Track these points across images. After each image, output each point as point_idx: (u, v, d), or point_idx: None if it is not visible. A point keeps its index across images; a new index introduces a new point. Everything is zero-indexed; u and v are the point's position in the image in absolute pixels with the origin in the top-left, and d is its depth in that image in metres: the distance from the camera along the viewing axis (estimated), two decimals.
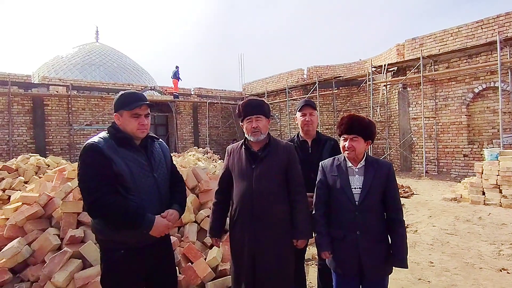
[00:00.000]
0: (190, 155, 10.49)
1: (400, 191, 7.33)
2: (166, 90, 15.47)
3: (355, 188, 1.79)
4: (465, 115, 9.25)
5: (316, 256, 3.47)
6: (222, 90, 17.69)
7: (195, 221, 3.51)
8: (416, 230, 4.71)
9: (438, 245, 4.04)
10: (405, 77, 10.34)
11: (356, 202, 1.77)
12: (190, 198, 3.65)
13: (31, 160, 7.08)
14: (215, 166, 9.23)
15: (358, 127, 1.78)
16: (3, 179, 6.25)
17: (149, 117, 1.76)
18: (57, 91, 11.50)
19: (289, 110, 14.70)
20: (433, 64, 9.81)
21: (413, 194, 7.33)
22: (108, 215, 1.54)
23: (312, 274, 3.15)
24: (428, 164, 9.99)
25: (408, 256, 3.60)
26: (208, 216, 3.51)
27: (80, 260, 2.75)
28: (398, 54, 11.35)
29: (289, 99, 14.61)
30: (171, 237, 3.12)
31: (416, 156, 10.46)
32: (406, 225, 4.90)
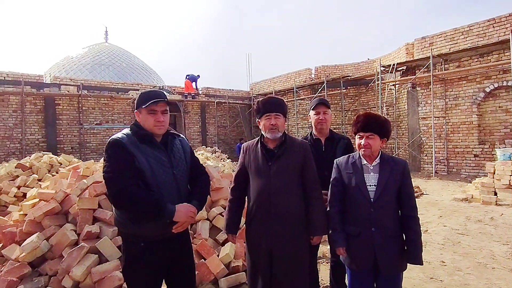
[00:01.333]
0: (199, 154, 10.56)
1: None
2: (174, 89, 15.60)
3: (370, 185, 1.81)
4: (476, 114, 9.13)
5: (327, 254, 3.50)
6: (230, 89, 17.75)
7: (207, 219, 3.55)
8: (427, 230, 4.69)
9: (450, 245, 4.02)
10: (414, 76, 10.26)
11: (372, 199, 1.79)
12: None
13: (44, 158, 7.23)
14: (224, 165, 9.28)
15: (374, 124, 1.80)
16: (18, 176, 6.40)
17: (167, 114, 1.80)
18: (68, 91, 11.69)
19: (297, 110, 14.69)
20: (443, 63, 9.71)
21: (422, 194, 7.28)
22: (132, 205, 1.59)
23: (323, 271, 3.17)
24: (437, 164, 9.90)
25: None
26: (220, 214, 3.56)
27: (97, 255, 2.82)
28: (407, 53, 11.26)
29: (296, 98, 14.59)
30: (189, 233, 3.19)
31: (425, 156, 10.37)
32: None
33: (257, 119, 2.09)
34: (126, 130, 1.74)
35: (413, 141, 10.56)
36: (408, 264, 1.82)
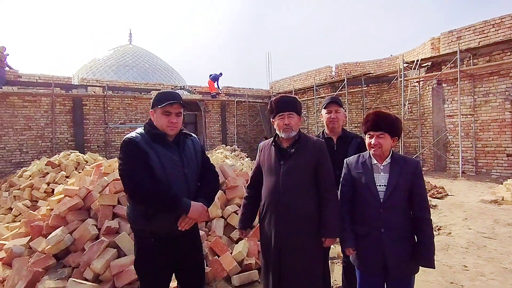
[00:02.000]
0: (218, 153, 10.70)
1: (432, 191, 7.02)
2: (195, 89, 15.87)
3: (380, 185, 1.78)
4: (509, 111, 8.62)
5: (341, 254, 3.45)
6: (250, 88, 17.81)
7: (222, 217, 3.61)
8: (450, 233, 4.50)
9: (474, 248, 3.84)
10: (440, 72, 9.83)
11: (381, 200, 1.75)
12: (217, 194, 3.75)
13: (72, 156, 7.60)
14: (242, 164, 9.35)
15: (384, 123, 1.75)
16: (47, 173, 6.78)
17: (181, 116, 1.85)
18: (94, 92, 12.19)
19: (317, 108, 14.51)
20: (471, 58, 9.24)
21: (447, 195, 6.98)
22: (149, 199, 1.65)
23: (337, 272, 3.13)
24: (465, 164, 9.44)
25: (439, 259, 3.48)
26: (234, 212, 3.60)
27: (116, 250, 2.94)
28: (432, 48, 10.80)
29: (316, 97, 14.41)
30: (199, 230, 3.26)
31: (452, 155, 9.93)
32: (439, 227, 4.76)
33: (271, 119, 2.09)
34: (140, 129, 1.81)
35: (438, 139, 10.14)
36: (424, 268, 1.75)
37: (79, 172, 6.44)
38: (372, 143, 1.78)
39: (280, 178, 1.94)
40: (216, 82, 15.77)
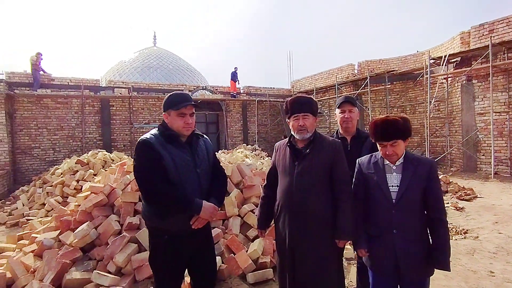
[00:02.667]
0: (238, 152, 10.80)
1: (460, 193, 6.71)
2: (217, 89, 16.10)
3: (392, 186, 1.74)
4: None
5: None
6: (271, 88, 17.81)
7: (239, 215, 3.66)
8: (477, 237, 4.30)
9: (503, 254, 3.64)
10: (470, 68, 9.35)
11: (393, 200, 1.72)
12: (234, 193, 3.81)
13: (99, 155, 7.97)
14: (262, 163, 9.37)
15: (394, 132, 1.69)
16: (77, 171, 7.15)
17: (194, 116, 1.91)
18: (120, 93, 12.69)
19: None
20: (506, 51, 8.71)
21: (476, 197, 6.64)
22: (162, 200, 1.73)
23: (353, 273, 3.09)
24: (498, 165, 8.93)
25: (463, 263, 3.34)
26: (251, 211, 3.64)
27: (136, 245, 3.07)
28: (462, 43, 10.29)
29: (338, 95, 14.15)
30: (215, 229, 3.34)
31: (483, 155, 9.42)
32: (465, 230, 4.56)
33: (286, 119, 2.10)
34: (154, 131, 1.88)
35: (467, 139, 9.66)
36: (446, 272, 1.71)
37: (106, 170, 6.75)
38: (387, 153, 1.73)
39: (294, 178, 1.94)
40: (235, 79, 15.90)
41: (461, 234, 4.50)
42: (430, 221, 1.71)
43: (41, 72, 11.43)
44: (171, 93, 1.95)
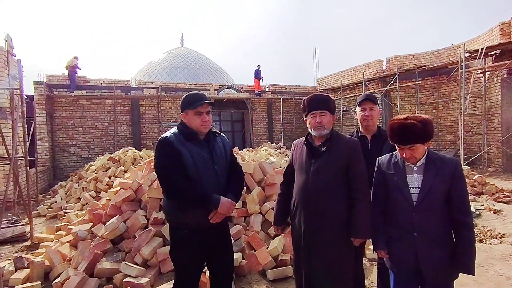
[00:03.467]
0: (263, 150, 10.85)
1: (498, 194, 6.32)
2: (242, 88, 16.24)
3: (413, 187, 1.68)
4: None
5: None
6: (296, 85, 17.68)
7: (260, 213, 3.70)
8: None
9: None
10: (511, 61, 8.73)
11: (414, 202, 1.66)
12: (256, 190, 3.86)
13: (129, 153, 8.36)
14: (286, 161, 9.37)
15: (412, 136, 1.61)
16: (109, 168, 7.55)
17: (210, 113, 1.98)
18: (149, 93, 13.20)
19: None
20: None
21: None
22: (182, 196, 1.82)
23: (375, 273, 3.02)
24: None
25: (497, 269, 3.17)
26: (272, 208, 3.67)
27: (161, 239, 3.21)
28: (501, 34, 9.60)
29: (366, 92, 13.77)
30: (237, 225, 3.40)
31: None
32: (501, 234, 4.30)
33: (304, 117, 2.11)
34: (174, 129, 1.97)
35: (508, 137, 9.03)
36: (475, 277, 1.65)
37: (135, 167, 7.07)
38: (404, 156, 1.67)
39: (310, 176, 1.95)
40: (259, 77, 15.93)
41: (496, 238, 4.24)
42: (455, 223, 1.64)
43: (77, 74, 12.11)
44: (187, 94, 2.03)
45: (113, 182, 6.79)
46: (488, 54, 9.63)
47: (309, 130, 2.05)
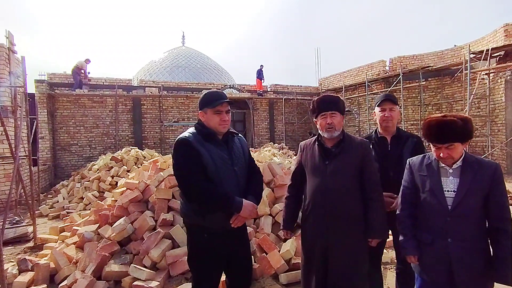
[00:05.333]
0: (266, 151, 10.78)
1: None
2: (244, 87, 16.17)
3: (448, 191, 1.59)
4: None
5: (395, 260, 3.25)
6: (298, 86, 17.60)
7: (270, 214, 3.64)
8: None
9: None
10: None
11: (449, 207, 1.57)
12: (266, 192, 3.79)
13: (132, 152, 8.28)
14: (290, 162, 9.29)
15: (451, 134, 1.52)
16: (112, 167, 7.47)
17: (230, 113, 1.91)
18: (151, 92, 13.11)
19: (369, 105, 13.81)
20: None
21: None
22: (203, 198, 1.74)
23: (390, 278, 2.96)
24: None
25: None
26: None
27: (170, 241, 3.14)
28: (506, 35, 9.56)
29: (368, 93, 13.70)
30: (247, 227, 3.33)
31: None
32: None
33: (313, 119, 2.06)
34: (192, 129, 1.90)
35: None
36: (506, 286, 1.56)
37: (138, 167, 6.99)
38: (441, 155, 1.58)
39: (327, 179, 1.91)
40: (261, 77, 15.87)
41: None
42: (492, 230, 1.55)
43: (80, 76, 12.01)
44: (206, 92, 1.95)
45: (116, 181, 6.72)
46: (493, 55, 9.58)
47: (320, 131, 2.00)
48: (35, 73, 14.09)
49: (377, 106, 2.29)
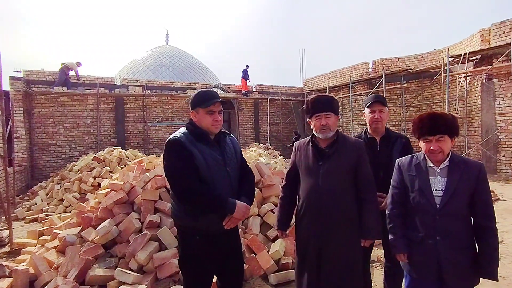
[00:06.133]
0: (252, 151, 10.77)
1: None
2: (229, 87, 16.10)
3: (436, 190, 1.64)
4: None
5: (382, 258, 3.32)
6: (283, 86, 17.70)
7: (258, 215, 3.62)
8: (502, 241, 4.15)
9: None
10: (491, 66, 9.08)
11: (437, 205, 1.62)
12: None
13: (115, 152, 8.07)
14: (276, 162, 9.34)
15: (443, 125, 1.58)
16: (94, 168, 7.24)
17: (222, 113, 1.88)
18: (134, 91, 12.81)
19: (352, 106, 14.06)
20: None
21: (498, 199, 6.45)
22: (196, 200, 1.71)
23: (377, 276, 3.02)
24: None
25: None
26: (271, 211, 3.60)
27: (157, 243, 3.07)
28: (482, 40, 9.99)
29: (352, 94, 13.96)
30: (239, 229, 3.31)
31: (503, 156, 9.15)
32: None
33: (307, 119, 2.06)
34: (183, 129, 1.86)
35: (487, 139, 9.39)
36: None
37: (122, 168, 6.82)
38: (432, 148, 1.62)
39: (320, 179, 1.91)
40: (246, 77, 15.84)
41: None
42: (478, 228, 1.61)
43: (68, 76, 11.57)
44: (199, 91, 1.92)
45: (98, 183, 6.53)
46: (470, 59, 9.98)
47: (314, 132, 2.01)
48: (9, 70, 13.47)
49: (367, 107, 2.32)
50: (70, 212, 5.14)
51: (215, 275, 1.98)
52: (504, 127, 9.03)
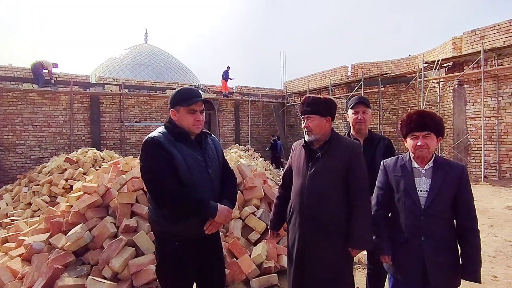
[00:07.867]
0: (232, 152, 10.67)
1: None
2: (209, 88, 15.91)
3: (421, 190, 1.65)
4: None
5: (363, 260, 3.33)
6: (264, 88, 17.73)
7: (240, 217, 3.54)
8: None
9: (502, 258, 3.65)
10: (462, 73, 9.51)
11: (422, 206, 1.63)
12: None
13: (89, 153, 7.71)
14: (256, 164, 9.28)
15: (430, 122, 1.62)
16: (66, 170, 6.88)
17: (204, 113, 1.80)
18: (111, 90, 12.35)
19: None
20: (496, 58, 8.89)
21: None
22: (176, 203, 1.60)
23: (359, 278, 3.02)
24: (487, 168, 9.10)
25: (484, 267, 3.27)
26: (252, 213, 3.53)
27: (134, 248, 2.92)
28: (454, 48, 10.46)
29: (332, 97, 14.18)
30: (220, 234, 3.21)
31: (473, 159, 9.58)
32: None
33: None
34: (162, 129, 1.75)
35: (459, 142, 9.81)
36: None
37: (96, 169, 6.51)
38: (418, 144, 1.63)
39: (307, 180, 1.86)
40: (226, 78, 15.75)
41: None
42: (461, 229, 1.63)
43: (42, 73, 11.04)
44: (180, 88, 1.81)
45: (70, 185, 6.20)
46: (442, 65, 10.41)
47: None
48: None
49: (351, 108, 2.32)
50: (39, 216, 4.83)
51: (195, 283, 1.89)
52: (474, 131, 9.46)
